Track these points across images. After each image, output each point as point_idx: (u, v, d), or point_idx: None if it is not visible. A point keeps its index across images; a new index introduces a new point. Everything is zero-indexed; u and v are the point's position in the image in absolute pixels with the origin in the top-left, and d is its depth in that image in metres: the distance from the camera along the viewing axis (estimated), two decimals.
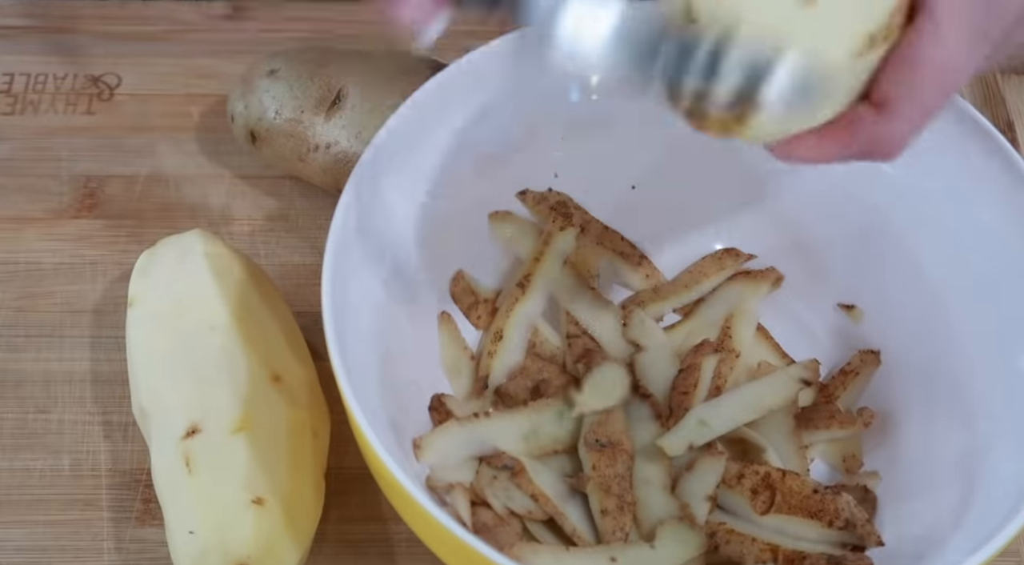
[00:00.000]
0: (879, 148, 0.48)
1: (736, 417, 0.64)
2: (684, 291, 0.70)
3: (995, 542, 0.51)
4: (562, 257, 0.69)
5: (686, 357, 0.67)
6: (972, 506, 0.57)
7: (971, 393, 0.62)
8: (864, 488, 0.63)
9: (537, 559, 0.59)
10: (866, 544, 0.60)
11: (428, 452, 0.61)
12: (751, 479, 0.62)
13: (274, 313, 0.66)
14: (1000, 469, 0.57)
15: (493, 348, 0.67)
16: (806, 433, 0.65)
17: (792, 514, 0.61)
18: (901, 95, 0.47)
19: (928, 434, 0.64)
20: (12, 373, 0.69)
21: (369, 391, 0.57)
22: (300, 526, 0.59)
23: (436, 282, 0.68)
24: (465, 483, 0.61)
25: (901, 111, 0.47)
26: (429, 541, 0.55)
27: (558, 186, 0.69)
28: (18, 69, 0.82)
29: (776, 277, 0.70)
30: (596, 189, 0.70)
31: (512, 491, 0.61)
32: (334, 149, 0.72)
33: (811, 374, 0.66)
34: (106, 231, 0.75)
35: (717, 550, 0.60)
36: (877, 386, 0.67)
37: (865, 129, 0.48)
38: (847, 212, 0.67)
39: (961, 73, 0.47)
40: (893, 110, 0.47)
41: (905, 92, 0.47)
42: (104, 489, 0.65)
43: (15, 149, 0.79)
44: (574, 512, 0.62)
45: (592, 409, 0.63)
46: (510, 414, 0.64)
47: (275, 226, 0.76)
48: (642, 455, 0.63)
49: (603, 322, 0.68)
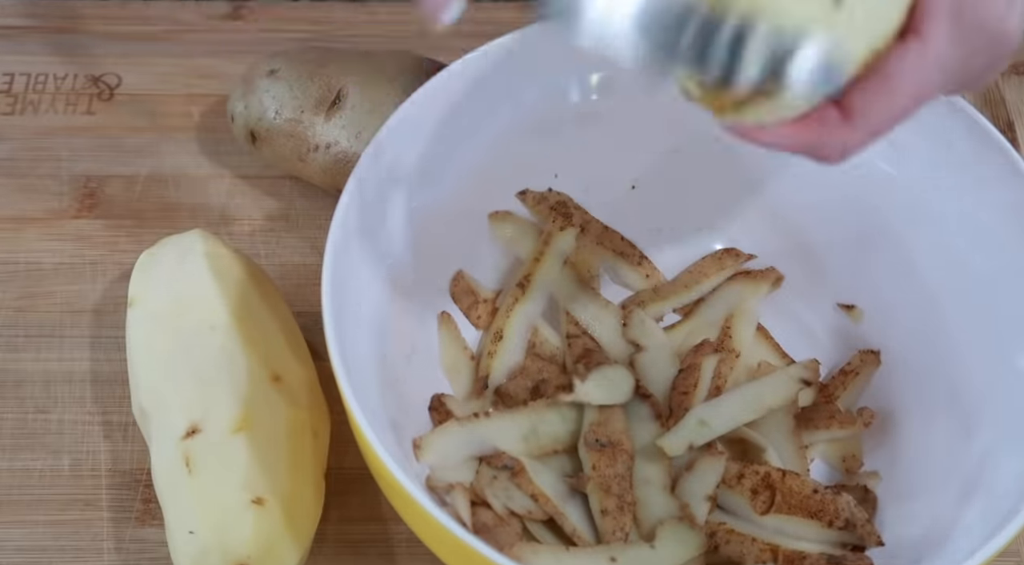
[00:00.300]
0: (830, 152, 0.49)
1: (736, 417, 0.64)
2: (684, 291, 0.70)
3: (995, 542, 0.51)
4: (562, 257, 0.69)
5: (686, 357, 0.67)
6: (972, 506, 0.57)
7: (971, 392, 0.62)
8: (864, 488, 0.63)
9: (537, 559, 0.59)
10: (866, 544, 0.60)
11: (428, 452, 0.61)
12: (751, 479, 0.62)
13: (274, 313, 0.66)
14: (1000, 468, 0.57)
15: (493, 348, 0.67)
16: (806, 433, 0.65)
17: (792, 514, 0.61)
18: (867, 109, 0.47)
19: (928, 434, 0.64)
20: (12, 373, 0.69)
21: (369, 391, 0.57)
22: (300, 526, 0.59)
23: (436, 282, 0.68)
24: (465, 483, 0.61)
25: (862, 124, 0.47)
26: (429, 541, 0.55)
27: (558, 186, 0.69)
28: (18, 69, 0.82)
29: (776, 277, 0.70)
30: (596, 189, 0.70)
31: (512, 491, 0.61)
32: (334, 149, 0.72)
33: (811, 374, 0.66)
34: (106, 231, 0.75)
35: (717, 550, 0.60)
36: (877, 386, 0.67)
37: (828, 132, 0.48)
38: (847, 212, 0.67)
39: (927, 100, 0.48)
40: (855, 121, 0.48)
41: (872, 107, 0.47)
42: (104, 489, 0.65)
43: (15, 149, 0.79)
44: (574, 512, 0.62)
45: (594, 401, 0.63)
46: (510, 414, 0.64)
47: (275, 226, 0.76)
48: (642, 455, 0.63)
49: (603, 322, 0.68)
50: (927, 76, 0.47)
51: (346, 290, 0.57)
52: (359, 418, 0.52)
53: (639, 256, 0.70)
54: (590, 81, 0.66)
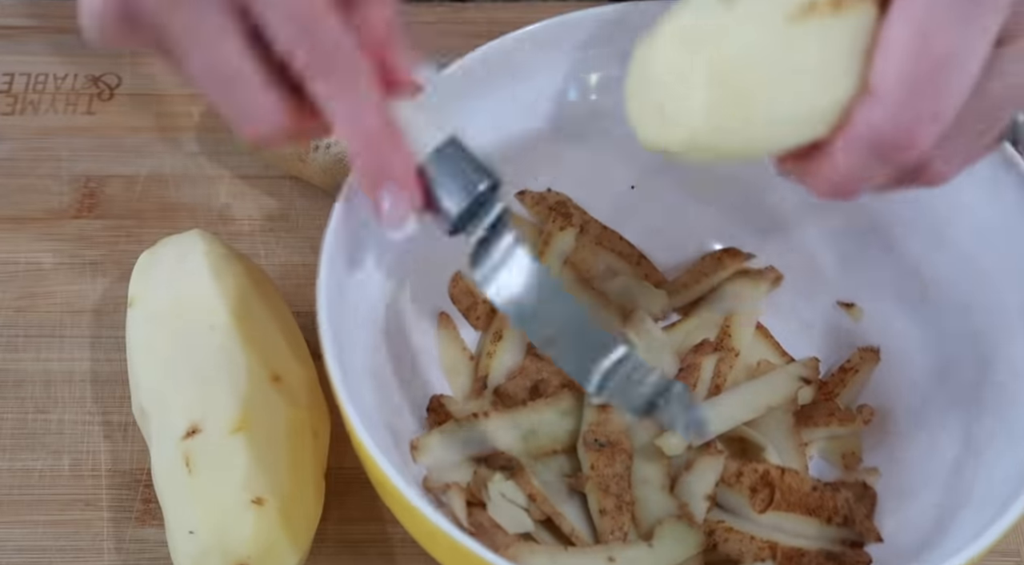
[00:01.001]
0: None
1: (735, 416, 0.64)
2: (683, 290, 0.70)
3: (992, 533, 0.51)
4: (562, 257, 0.69)
5: (686, 356, 0.67)
6: (970, 502, 0.57)
7: (969, 388, 0.62)
8: (863, 484, 0.63)
9: (534, 559, 0.59)
10: (865, 540, 0.60)
11: (425, 453, 0.61)
12: (750, 477, 0.62)
13: (274, 313, 0.66)
14: (998, 464, 0.57)
15: (492, 348, 0.67)
16: (805, 431, 0.65)
17: (791, 511, 0.61)
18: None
19: (927, 431, 0.64)
20: (12, 373, 0.69)
21: (365, 392, 0.57)
22: (300, 526, 0.59)
23: (435, 283, 0.68)
24: (462, 483, 0.61)
25: None
26: (425, 543, 0.55)
27: (557, 186, 0.69)
28: (18, 69, 0.82)
29: (775, 276, 0.70)
30: (596, 189, 0.70)
31: (509, 492, 0.61)
32: (334, 149, 0.72)
33: (810, 372, 0.66)
34: (106, 231, 0.75)
35: (715, 549, 0.60)
36: (877, 383, 0.67)
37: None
38: (845, 210, 0.67)
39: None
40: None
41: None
42: (104, 489, 0.65)
43: (15, 149, 0.79)
44: (572, 512, 0.62)
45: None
46: (509, 414, 0.64)
47: (275, 226, 0.76)
48: (641, 455, 0.63)
49: (603, 321, 0.68)
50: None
51: (342, 291, 0.57)
52: (354, 419, 0.52)
53: (638, 256, 0.70)
54: (589, 81, 0.66)
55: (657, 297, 0.69)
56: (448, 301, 0.69)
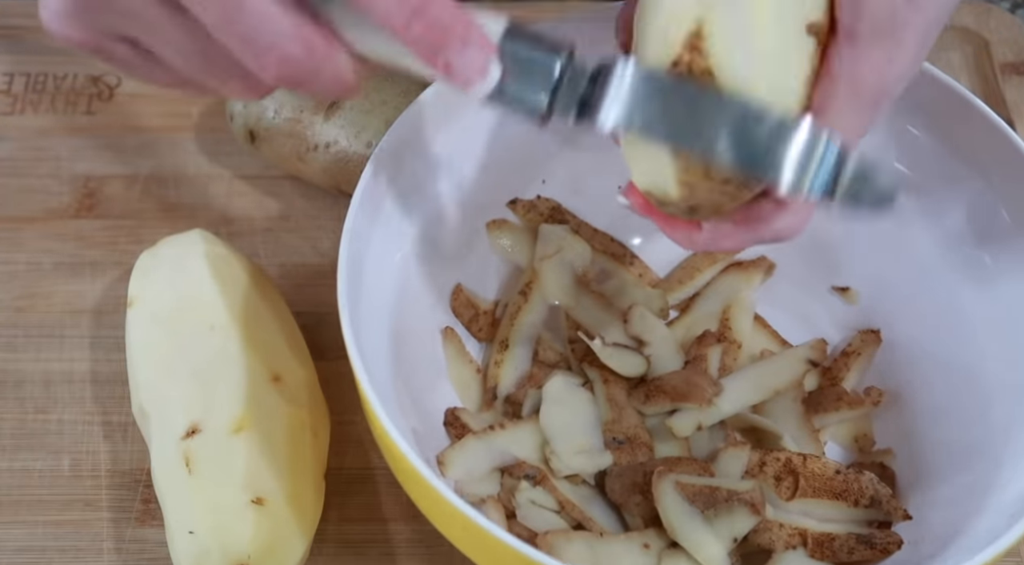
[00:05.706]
0: (782, 235, 0.52)
1: (743, 398, 0.64)
2: (679, 287, 0.70)
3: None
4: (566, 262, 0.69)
5: (691, 349, 0.67)
6: (1000, 474, 0.57)
7: (977, 363, 0.62)
8: (881, 465, 0.64)
9: (570, 547, 0.59)
10: (893, 519, 0.60)
11: (452, 467, 0.61)
12: (773, 466, 0.62)
13: (274, 313, 0.66)
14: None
15: (499, 358, 0.66)
16: (816, 417, 0.65)
17: (817, 497, 0.61)
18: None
19: (938, 407, 0.64)
20: (12, 373, 0.69)
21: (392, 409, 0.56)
22: (300, 526, 0.59)
23: (438, 297, 0.67)
24: (495, 495, 0.61)
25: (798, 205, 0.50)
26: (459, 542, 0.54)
27: (546, 192, 0.69)
28: (18, 69, 0.82)
29: (768, 266, 0.70)
30: (584, 193, 0.69)
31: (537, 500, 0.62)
32: (334, 149, 0.72)
33: (818, 354, 0.67)
34: (106, 231, 0.75)
35: (747, 540, 0.60)
36: (881, 365, 0.68)
37: (768, 224, 0.51)
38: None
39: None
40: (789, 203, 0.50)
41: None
42: (104, 489, 0.65)
43: (15, 149, 0.79)
44: (599, 511, 0.62)
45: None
46: (525, 424, 0.63)
47: (275, 226, 0.76)
48: (660, 445, 0.64)
49: (605, 322, 0.68)
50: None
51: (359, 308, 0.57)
52: (393, 435, 0.51)
53: (630, 256, 0.70)
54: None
55: (655, 297, 0.69)
56: (451, 315, 0.68)
